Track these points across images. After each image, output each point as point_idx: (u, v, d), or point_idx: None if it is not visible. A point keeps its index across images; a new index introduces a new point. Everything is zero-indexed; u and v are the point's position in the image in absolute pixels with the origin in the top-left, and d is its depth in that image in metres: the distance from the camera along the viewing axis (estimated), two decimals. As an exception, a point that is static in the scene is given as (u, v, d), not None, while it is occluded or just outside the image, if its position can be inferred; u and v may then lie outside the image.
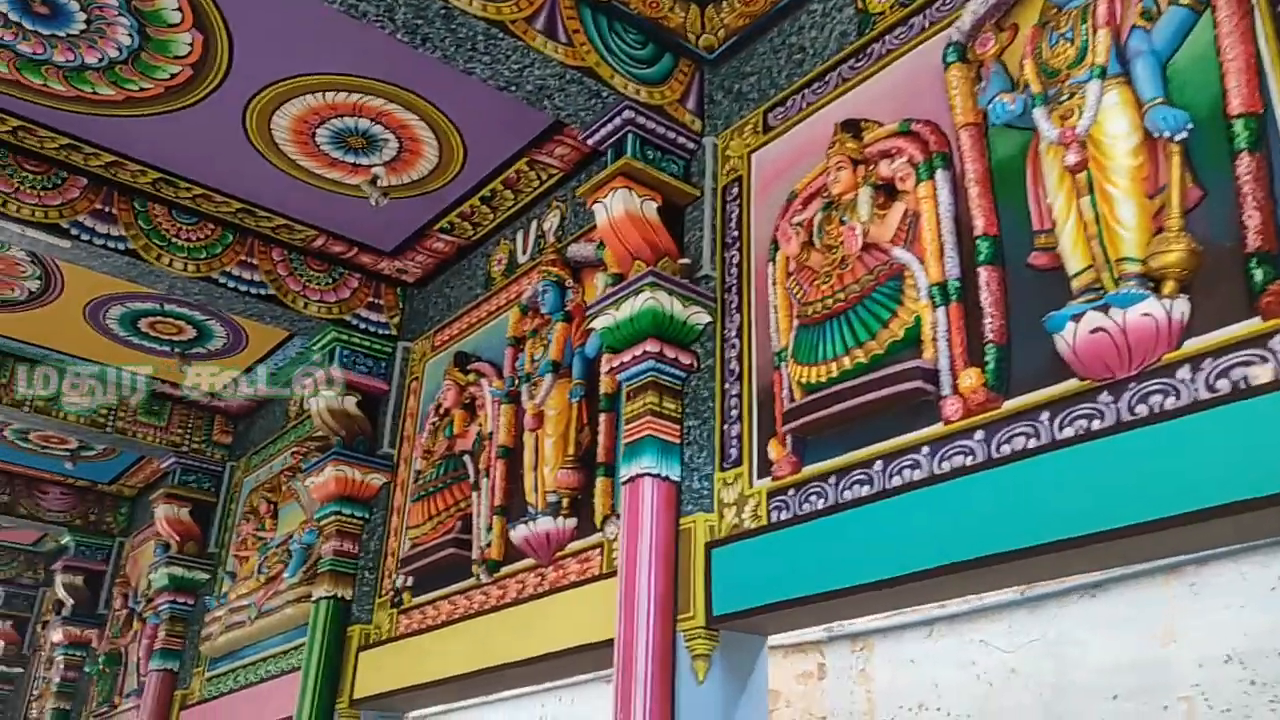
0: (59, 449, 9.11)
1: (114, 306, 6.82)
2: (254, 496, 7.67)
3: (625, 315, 4.11)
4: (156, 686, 7.55)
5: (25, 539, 11.65)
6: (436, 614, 5.24)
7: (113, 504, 10.16)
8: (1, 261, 6.36)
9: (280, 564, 6.76)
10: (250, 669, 6.78)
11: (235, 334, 7.16)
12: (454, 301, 6.12)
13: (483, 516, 5.12)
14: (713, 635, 3.67)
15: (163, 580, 7.83)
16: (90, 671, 9.31)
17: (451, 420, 5.60)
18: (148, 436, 8.01)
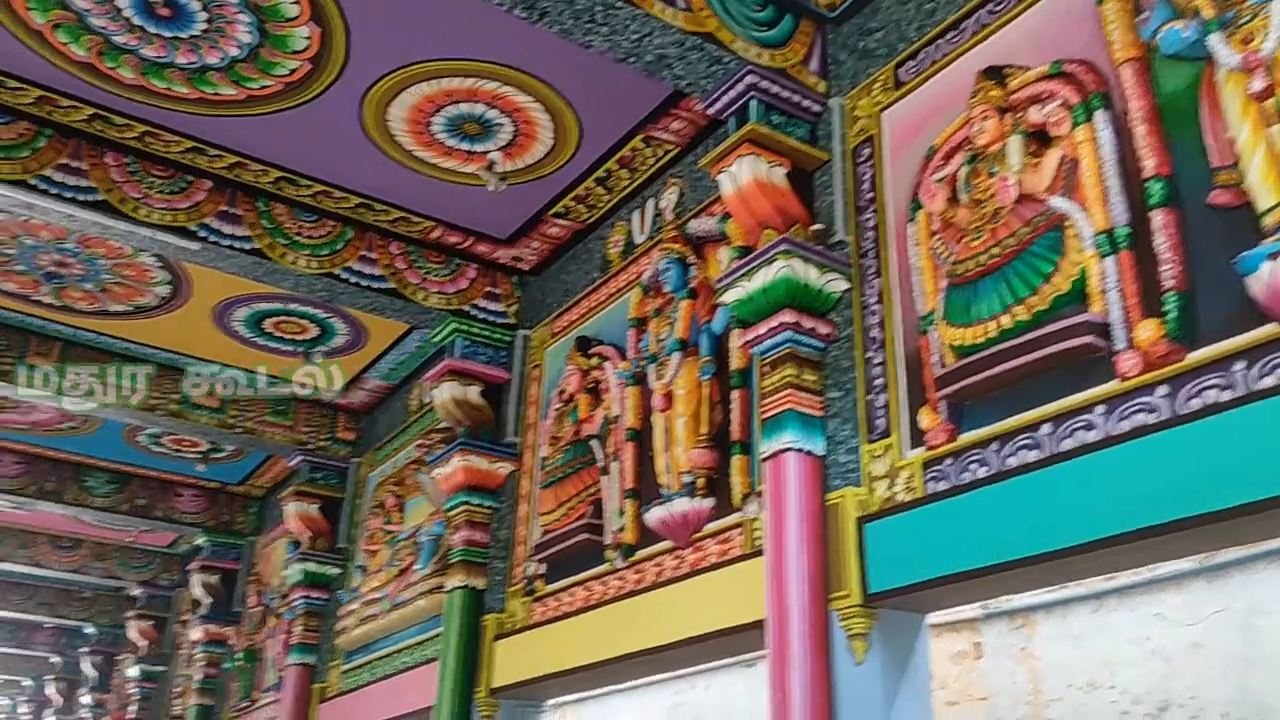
0: (190, 452, 9.37)
1: (240, 308, 6.96)
2: (380, 491, 7.76)
3: (758, 286, 3.96)
4: (295, 681, 7.70)
5: (161, 541, 12.06)
6: (571, 601, 5.18)
7: (242, 504, 10.42)
8: (133, 268, 6.52)
9: (410, 556, 6.81)
10: (386, 661, 6.85)
11: (356, 331, 7.23)
12: (571, 287, 6.06)
13: (614, 500, 5.04)
14: (869, 613, 3.51)
15: (296, 576, 7.98)
16: (229, 667, 9.58)
17: (576, 405, 5.54)
18: (275, 436, 8.16)
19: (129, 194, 5.37)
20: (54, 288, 6.73)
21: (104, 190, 5.30)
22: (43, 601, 13.88)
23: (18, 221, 6.06)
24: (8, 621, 15.36)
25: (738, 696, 5.70)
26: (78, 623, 14.25)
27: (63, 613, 14.05)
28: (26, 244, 6.29)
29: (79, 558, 11.92)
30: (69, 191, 5.21)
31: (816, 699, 3.44)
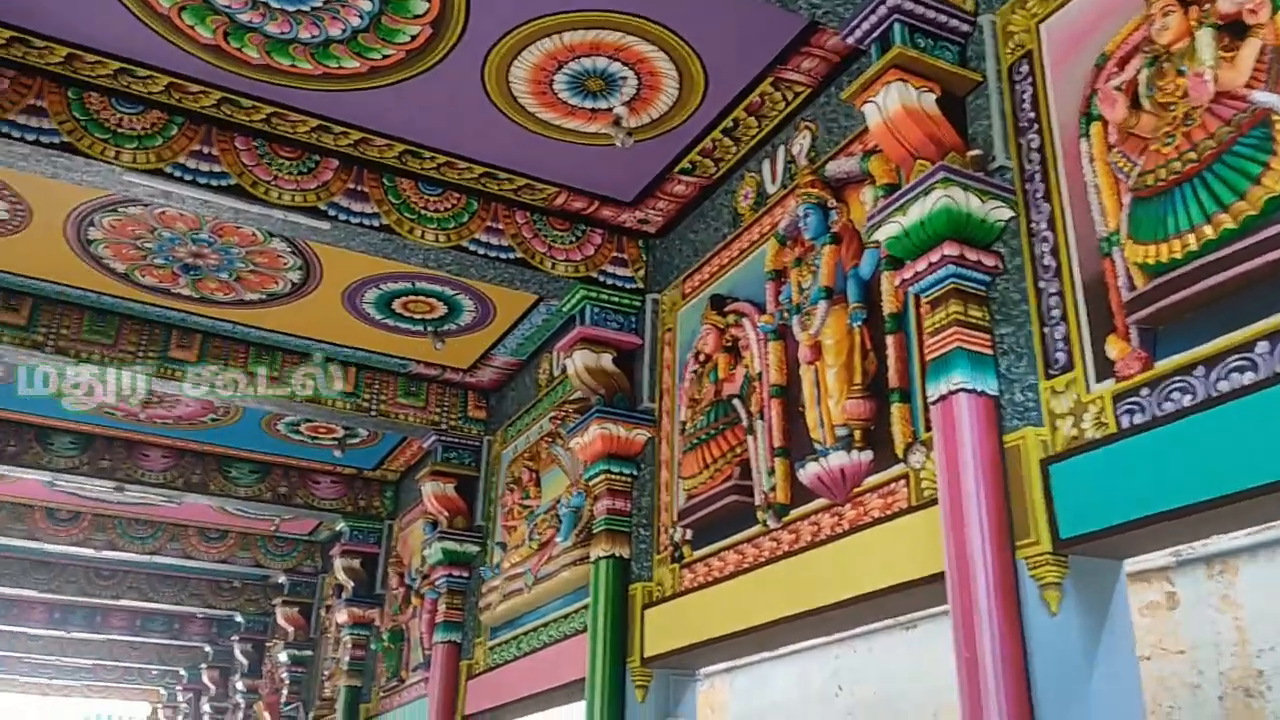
0: (327, 439, 9.53)
1: (369, 290, 6.98)
2: (515, 466, 7.73)
3: (914, 220, 3.71)
4: (443, 658, 7.75)
5: (302, 529, 12.38)
6: (722, 565, 5.02)
7: (378, 489, 10.58)
8: (265, 255, 6.60)
9: (551, 529, 6.75)
10: (532, 635, 6.81)
11: (483, 306, 7.19)
12: (700, 246, 5.87)
13: (762, 460, 4.85)
14: (1061, 561, 3.25)
15: (437, 555, 8.03)
16: (376, 649, 9.74)
17: (715, 365, 5.36)
18: (408, 417, 8.22)
19: (260, 177, 5.39)
20: (191, 279, 6.86)
21: (236, 174, 5.33)
22: (194, 593, 14.42)
23: (155, 214, 6.17)
24: (163, 613, 16.02)
25: (898, 660, 5.47)
26: (228, 612, 14.77)
27: (213, 603, 14.57)
28: (164, 236, 6.41)
29: (226, 548, 12.31)
30: (203, 178, 5.26)
31: (1009, 656, 3.20)
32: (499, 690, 7.15)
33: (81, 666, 19.16)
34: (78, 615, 16.00)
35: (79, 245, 6.48)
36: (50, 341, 7.10)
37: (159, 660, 18.22)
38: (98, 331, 7.26)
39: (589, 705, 5.49)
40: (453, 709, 7.62)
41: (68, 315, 7.19)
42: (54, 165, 5.06)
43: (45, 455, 9.32)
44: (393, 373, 8.20)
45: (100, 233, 6.36)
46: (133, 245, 6.49)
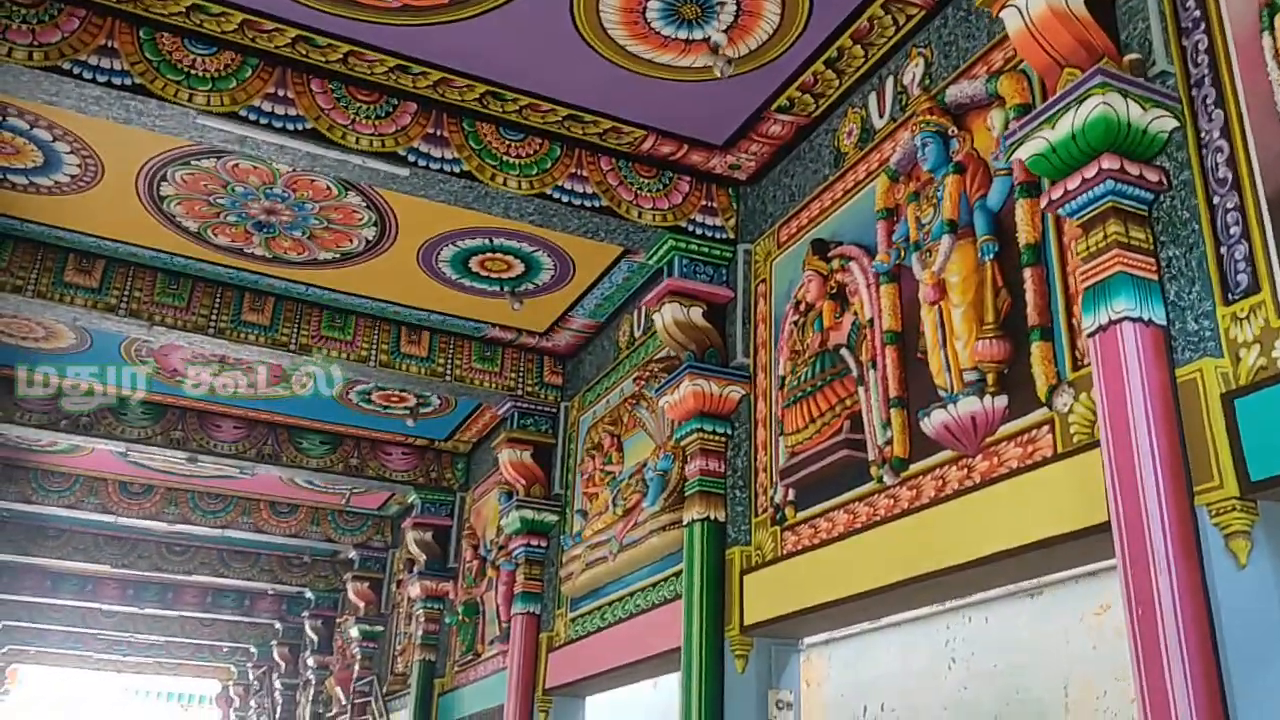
0: (398, 408, 9.34)
1: (445, 247, 6.73)
2: (594, 432, 7.45)
3: (1063, 133, 3.32)
4: (523, 630, 7.51)
5: (372, 504, 12.25)
6: (830, 526, 4.68)
7: (450, 460, 10.39)
8: (340, 210, 6.37)
9: (636, 494, 6.46)
10: (617, 605, 6.53)
11: (562, 264, 6.90)
12: (796, 190, 5.51)
13: (876, 411, 4.50)
14: (1249, 507, 2.88)
15: (515, 524, 7.79)
16: (450, 622, 9.56)
17: (819, 314, 5.01)
18: (484, 383, 7.98)
19: (336, 120, 5.14)
20: (264, 238, 6.66)
21: (312, 118, 5.09)
22: (264, 569, 14.41)
23: (227, 167, 5.96)
24: (234, 589, 16.08)
25: (1019, 630, 5.08)
26: (298, 588, 14.74)
27: (283, 579, 14.55)
28: (237, 191, 6.21)
29: (296, 523, 12.23)
30: (278, 121, 5.02)
31: (1191, 615, 2.82)
32: (582, 662, 6.89)
33: (154, 643, 19.39)
34: (150, 591, 16.13)
35: (151, 202, 6.31)
36: (123, 304, 6.96)
37: (229, 637, 18.35)
38: (170, 294, 7.11)
39: (685, 676, 5.20)
40: (533, 682, 7.38)
41: (140, 277, 7.05)
42: (126, 109, 4.85)
43: (119, 425, 9.25)
44: (468, 337, 7.95)
45: (172, 188, 6.18)
46: (205, 201, 6.30)
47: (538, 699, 7.30)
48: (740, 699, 5.06)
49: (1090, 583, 4.60)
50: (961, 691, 5.28)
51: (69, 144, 5.78)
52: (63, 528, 13.23)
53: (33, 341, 8.22)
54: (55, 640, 19.02)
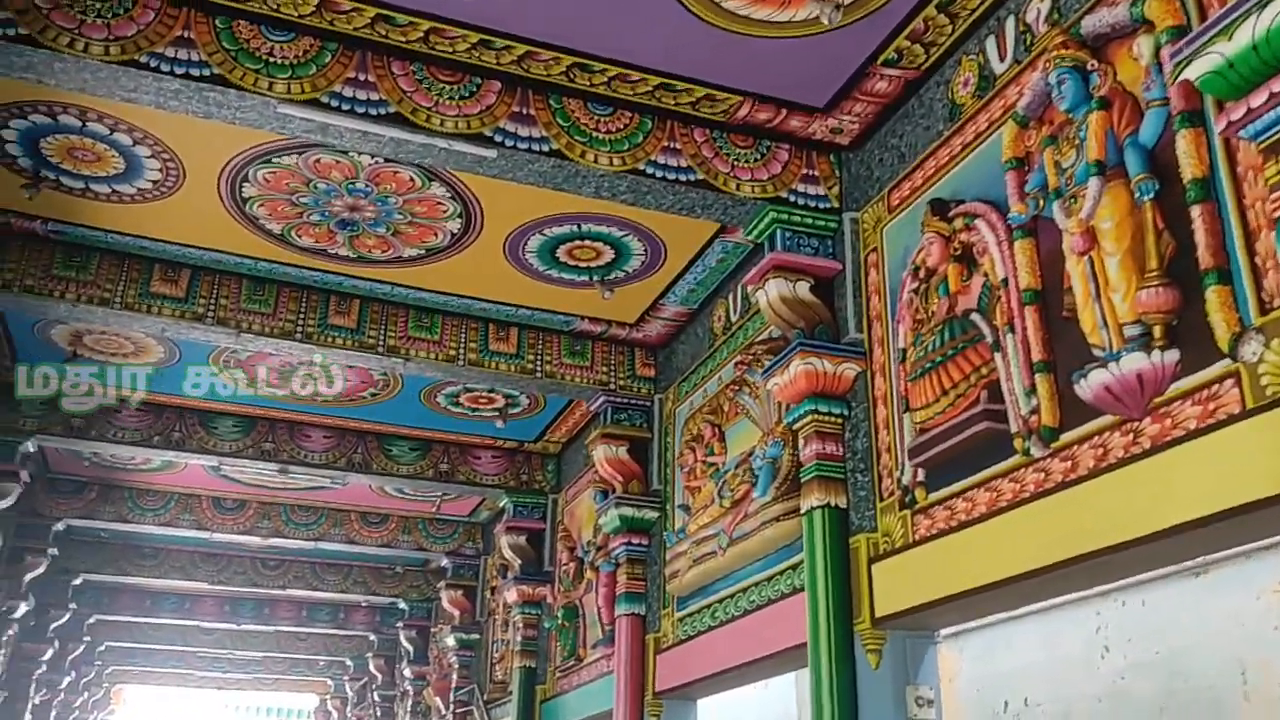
0: (487, 410, 9.14)
1: (532, 236, 6.49)
2: (693, 424, 7.14)
3: (1243, 44, 2.94)
4: (627, 631, 7.23)
5: (462, 511, 12.10)
6: (969, 507, 4.30)
7: (540, 462, 10.17)
8: (424, 203, 6.17)
9: (745, 485, 6.13)
10: (729, 602, 6.21)
11: (653, 248, 6.62)
12: (906, 151, 5.15)
13: (1017, 378, 4.11)
14: None
15: (614, 523, 7.51)
16: (549, 627, 9.33)
17: (943, 279, 4.63)
18: (574, 378, 7.73)
19: (419, 103, 4.91)
20: (348, 236, 6.49)
21: (395, 102, 4.87)
22: (357, 580, 14.39)
23: (309, 163, 5.79)
24: (328, 603, 16.12)
25: (1182, 612, 4.64)
26: (391, 599, 14.69)
27: (377, 590, 14.51)
28: (319, 189, 6.04)
29: (387, 532, 12.15)
30: (360, 106, 4.81)
31: None
32: (693, 664, 6.57)
33: (252, 659, 19.58)
34: (247, 607, 16.24)
35: (233, 204, 6.17)
36: (210, 313, 6.86)
37: (325, 651, 18.42)
38: (256, 300, 6.98)
39: (814, 674, 4.85)
40: (642, 686, 7.09)
41: (225, 284, 6.94)
42: (205, 101, 4.68)
43: (210, 439, 9.21)
44: (557, 331, 7.71)
45: (255, 189, 6.03)
46: (288, 201, 6.15)
47: (647, 703, 7.01)
48: (875, 696, 4.70)
49: (1267, 556, 4.16)
50: (1118, 681, 4.85)
51: (149, 147, 5.67)
52: (159, 546, 13.34)
53: (122, 357, 8.19)
54: (157, 659, 19.31)
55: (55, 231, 6.47)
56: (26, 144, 5.62)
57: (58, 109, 5.34)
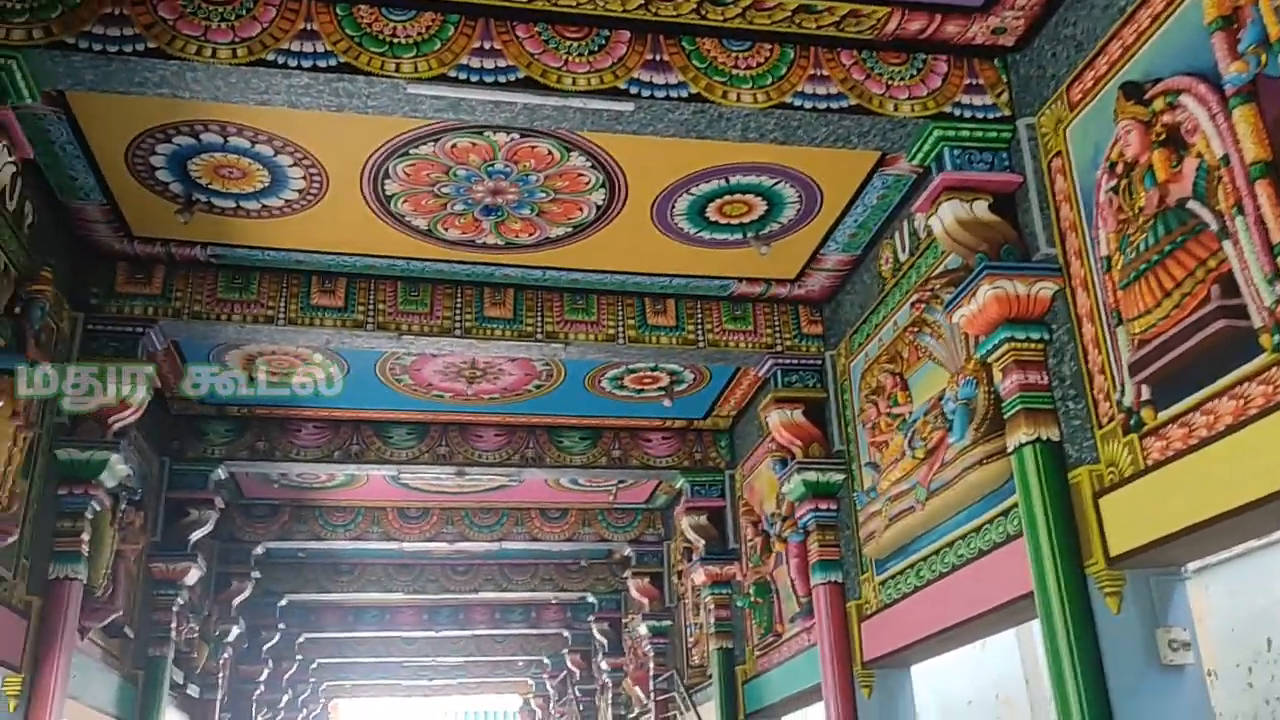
0: (652, 389, 8.91)
1: (680, 197, 6.19)
2: (871, 376, 6.71)
3: None
4: (827, 601, 6.86)
5: (638, 498, 11.95)
6: (1211, 421, 3.78)
7: (711, 439, 9.89)
8: (565, 177, 5.96)
9: (938, 431, 5.68)
10: (934, 559, 5.77)
11: (808, 194, 6.22)
12: (1083, 39, 4.60)
13: (1255, 266, 3.57)
14: None
15: (798, 490, 7.15)
16: (742, 605, 9.03)
17: (1148, 169, 4.09)
18: (739, 344, 7.40)
19: (549, 64, 4.70)
20: (494, 222, 6.36)
21: (523, 66, 4.67)
22: (545, 578, 14.44)
23: (446, 149, 5.67)
24: (519, 603, 16.28)
25: None
26: (579, 594, 14.69)
27: (565, 586, 14.53)
28: (459, 175, 5.91)
29: (568, 526, 12.09)
30: (489, 75, 4.63)
31: None
32: (901, 629, 6.16)
33: (454, 665, 20.04)
34: (443, 614, 16.56)
35: (378, 203, 6.12)
36: (370, 319, 6.86)
37: (522, 651, 18.68)
38: (412, 301, 6.95)
39: (1046, 626, 4.38)
40: (848, 656, 6.71)
41: (381, 289, 6.93)
42: (336, 93, 4.59)
43: (386, 449, 9.31)
44: (715, 298, 7.40)
45: (396, 185, 5.96)
46: (430, 193, 6.05)
47: (857, 674, 6.63)
48: (1121, 644, 4.20)
49: None
50: None
51: (291, 155, 5.65)
52: (353, 561, 13.72)
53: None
54: (364, 671, 20.01)
55: (215, 255, 6.58)
56: (175, 168, 5.70)
57: (199, 127, 5.38)
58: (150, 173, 5.72)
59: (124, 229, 6.27)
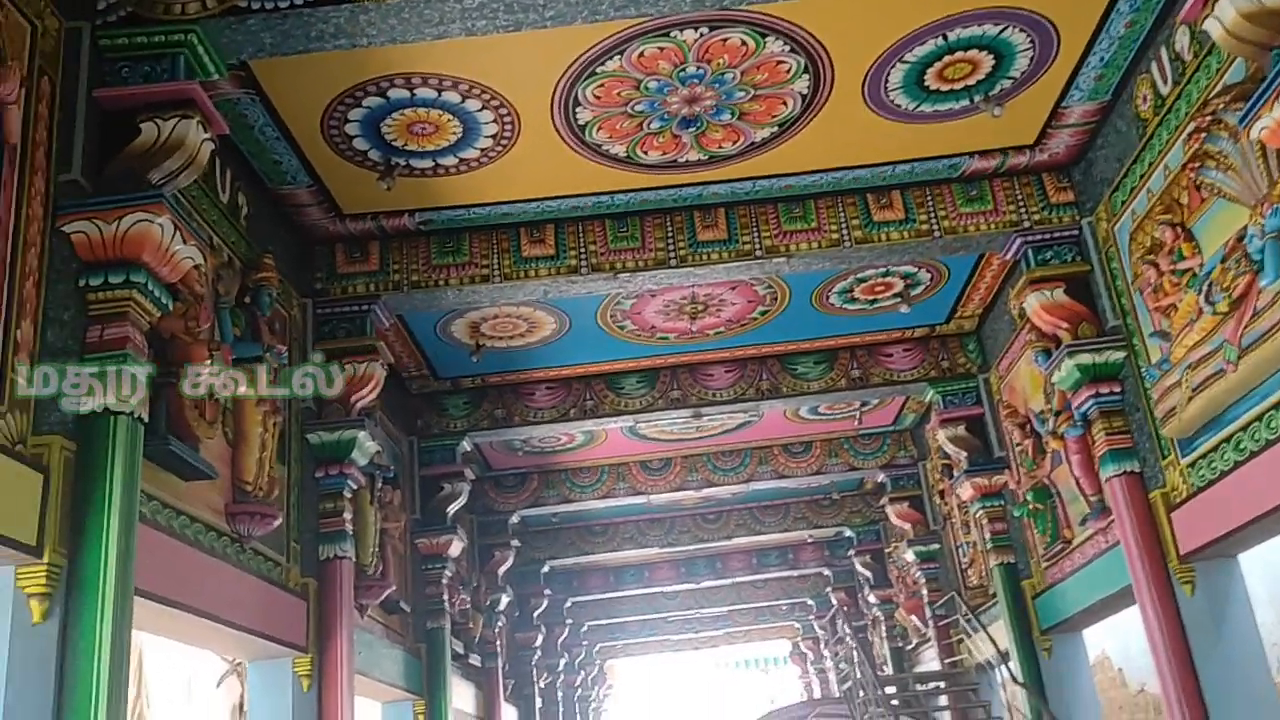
0: (886, 298, 8.28)
1: (893, 68, 5.57)
2: (1142, 235, 5.87)
3: None
4: (1124, 495, 6.11)
5: (885, 420, 11.29)
6: None
7: (957, 344, 9.13)
8: (763, 68, 5.46)
9: (1243, 277, 4.84)
10: (1258, 425, 4.95)
11: (1042, 36, 5.45)
12: None
13: None
14: None
15: (1071, 378, 6.40)
16: (1020, 515, 8.30)
17: None
18: (980, 226, 6.68)
19: (729, -70, 4.22)
20: (694, 135, 5.94)
21: (701, -63, 4.21)
22: (798, 517, 14.05)
23: (633, 60, 5.29)
24: (774, 546, 15.99)
25: None
26: (835, 529, 14.22)
27: (819, 523, 14.09)
28: (650, 88, 5.53)
29: (815, 459, 11.62)
30: (666, -47, 4.20)
31: None
32: (1224, 513, 5.36)
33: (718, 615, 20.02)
34: (699, 565, 16.51)
35: (573, 136, 5.83)
36: (584, 262, 6.63)
37: (784, 594, 18.40)
38: (622, 237, 6.67)
39: None
40: (1159, 553, 5.94)
41: (590, 229, 6.69)
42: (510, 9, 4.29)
43: (620, 400, 9.15)
44: (944, 180, 6.72)
45: (588, 111, 5.65)
46: (624, 114, 5.71)
47: (1174, 570, 5.87)
48: None
49: None
50: None
51: (479, 98, 5.44)
52: (605, 522, 13.80)
53: (520, 339, 8.29)
54: (632, 631, 20.30)
55: (424, 222, 6.51)
56: (370, 133, 5.61)
57: (384, 84, 5.24)
58: (347, 142, 5.66)
59: (334, 209, 6.28)
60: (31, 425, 3.49)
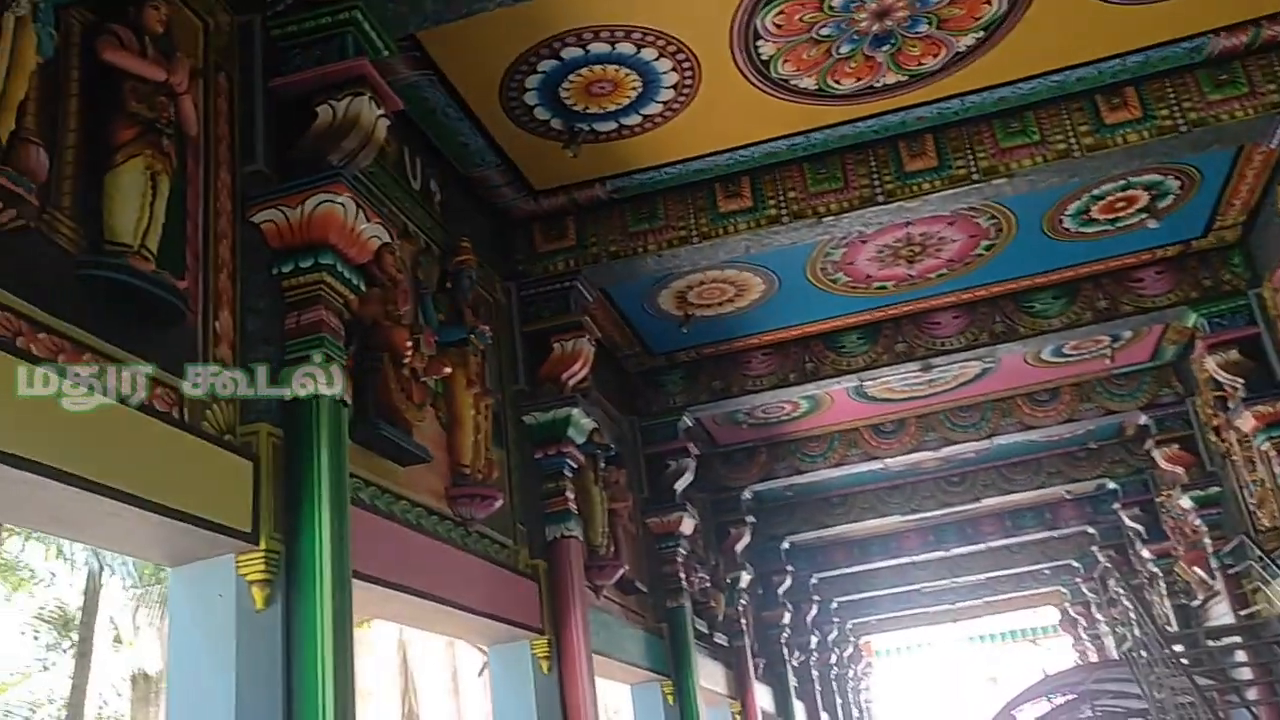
0: (1129, 215, 7.42)
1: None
2: None
3: None
4: None
5: (1142, 355, 10.22)
6: None
7: (1221, 258, 8.10)
8: (958, -37, 4.94)
9: None
10: None
11: None
12: None
13: None
14: None
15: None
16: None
17: None
18: (1235, 113, 5.81)
19: None
20: (889, 53, 5.46)
21: None
22: (1051, 471, 13.04)
23: (811, -23, 4.91)
24: (1028, 506, 15.00)
25: None
26: (1095, 481, 13.11)
27: (1075, 476, 13.03)
28: (835, 7, 5.11)
29: (1064, 406, 10.70)
30: None
31: None
32: None
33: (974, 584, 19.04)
34: (948, 531, 15.73)
35: (757, 74, 5.49)
36: (784, 211, 6.27)
37: (1044, 557, 17.28)
38: (822, 179, 6.25)
39: None
40: None
41: (787, 176, 6.30)
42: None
43: (841, 359, 8.70)
44: (1187, 67, 5.88)
45: (770, 44, 5.29)
46: (810, 41, 5.31)
47: None
48: None
49: None
50: None
51: (655, 46, 5.19)
52: (842, 492, 13.31)
53: (729, 304, 8.02)
54: (885, 605, 19.64)
55: (615, 190, 6.35)
56: (548, 100, 5.48)
57: (556, 44, 5.08)
58: (528, 113, 5.55)
59: (526, 187, 6.21)
60: (239, 414, 3.52)
